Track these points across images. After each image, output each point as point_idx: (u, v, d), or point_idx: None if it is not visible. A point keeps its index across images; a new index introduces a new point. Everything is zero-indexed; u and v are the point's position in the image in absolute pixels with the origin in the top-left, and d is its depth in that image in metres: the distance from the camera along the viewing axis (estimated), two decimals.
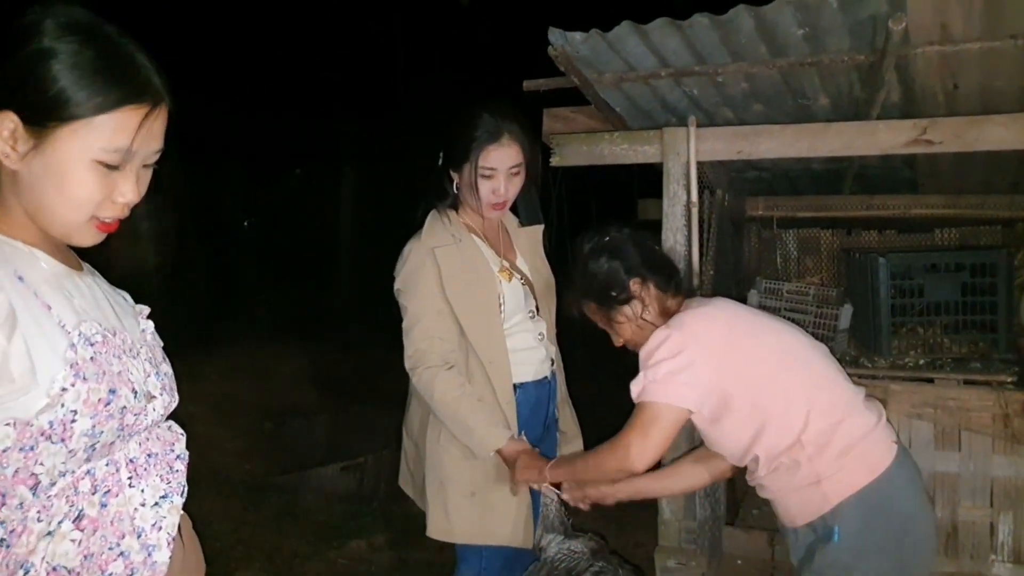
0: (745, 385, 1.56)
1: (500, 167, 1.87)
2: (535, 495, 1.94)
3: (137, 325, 1.10)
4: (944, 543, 2.40)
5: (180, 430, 1.10)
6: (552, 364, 2.07)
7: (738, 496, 3.16)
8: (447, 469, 1.94)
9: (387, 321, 2.08)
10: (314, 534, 3.73)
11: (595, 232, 1.81)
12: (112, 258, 1.05)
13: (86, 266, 1.06)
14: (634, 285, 1.70)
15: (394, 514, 3.82)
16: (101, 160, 0.92)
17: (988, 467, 2.37)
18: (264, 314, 7.02)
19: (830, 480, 1.52)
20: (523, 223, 2.10)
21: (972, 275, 2.64)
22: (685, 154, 2.30)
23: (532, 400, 2.01)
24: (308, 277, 8.39)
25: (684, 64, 2.08)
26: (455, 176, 1.94)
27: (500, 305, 1.96)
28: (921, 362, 2.59)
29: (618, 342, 1.79)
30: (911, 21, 1.72)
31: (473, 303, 1.92)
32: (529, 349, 2.02)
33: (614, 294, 1.71)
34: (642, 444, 1.57)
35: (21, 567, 0.89)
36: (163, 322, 1.17)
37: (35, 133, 0.89)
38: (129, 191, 0.96)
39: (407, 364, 1.94)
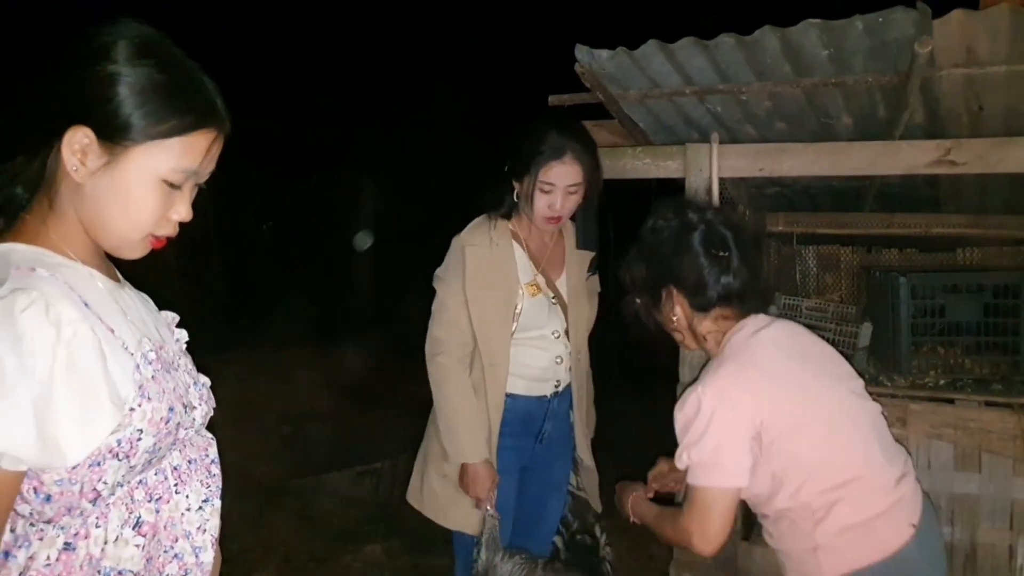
0: (768, 454, 1.49)
1: (559, 183, 1.91)
2: (508, 499, 2.05)
3: (171, 335, 1.13)
4: (962, 565, 2.39)
5: (209, 434, 1.13)
6: (557, 386, 2.09)
7: (753, 512, 3.15)
8: (432, 447, 2.09)
9: (405, 327, 2.12)
10: (330, 538, 3.76)
11: (671, 209, 1.65)
12: (133, 260, 1.07)
13: (119, 275, 1.08)
14: (665, 293, 1.62)
15: (410, 519, 3.81)
16: (168, 180, 0.95)
17: (1008, 489, 2.35)
18: (283, 318, 7.08)
19: (826, 552, 1.45)
20: (578, 246, 2.13)
21: (994, 296, 2.63)
22: (708, 170, 2.32)
23: (522, 412, 2.07)
24: (327, 282, 8.45)
25: (709, 82, 2.10)
26: (516, 186, 1.99)
27: (515, 316, 2.00)
28: (941, 382, 2.58)
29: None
30: (937, 44, 1.73)
31: (487, 306, 1.99)
32: (539, 367, 2.06)
33: (641, 294, 1.66)
34: (703, 534, 1.50)
35: (98, 572, 0.92)
36: (183, 324, 1.19)
37: (109, 150, 0.92)
38: (185, 210, 0.99)
39: (427, 348, 2.03)
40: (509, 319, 2.00)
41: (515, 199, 2.01)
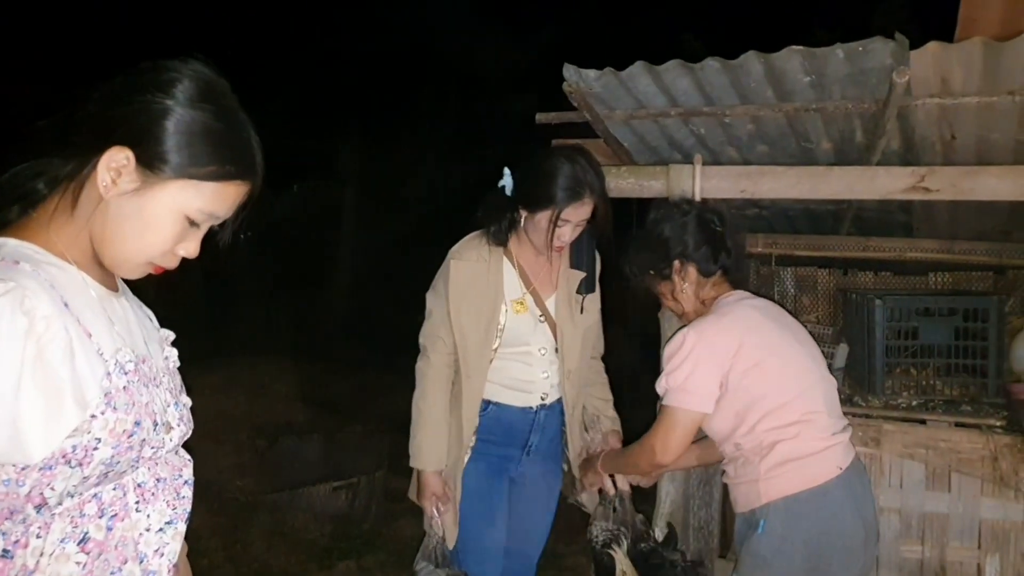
0: (735, 393, 1.76)
1: (574, 220, 1.94)
2: (474, 506, 2.07)
3: (161, 351, 1.11)
4: None
5: (187, 455, 1.10)
6: (544, 398, 2.10)
7: (729, 530, 3.17)
8: None
9: (383, 341, 2.13)
10: (304, 554, 3.71)
11: (666, 204, 2.03)
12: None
13: (121, 285, 1.07)
14: (676, 266, 1.91)
15: (385, 536, 3.81)
16: (191, 218, 0.97)
17: (977, 509, 2.40)
18: (259, 330, 7.01)
19: (765, 481, 1.73)
20: (572, 265, 2.13)
21: (965, 320, 2.69)
22: (690, 191, 2.36)
23: (506, 421, 2.08)
24: (305, 294, 8.39)
25: (693, 104, 2.14)
26: (523, 212, 1.99)
27: (498, 332, 2.02)
28: (914, 403, 2.63)
29: (665, 304, 2.05)
30: (913, 74, 1.79)
31: (468, 320, 2.01)
32: (523, 379, 2.08)
33: (652, 272, 1.95)
34: (664, 445, 1.81)
35: None
36: None
37: (144, 176, 0.93)
38: (194, 248, 1.01)
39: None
40: (490, 334, 2.02)
41: (521, 223, 2.02)
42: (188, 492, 1.06)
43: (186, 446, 1.12)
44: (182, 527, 1.03)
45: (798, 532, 1.70)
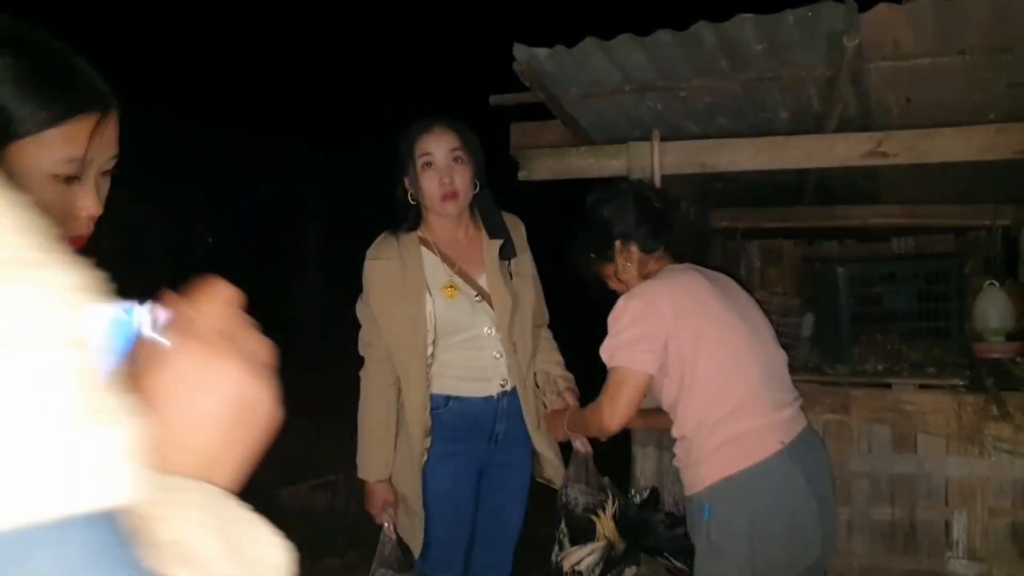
0: (677, 360, 1.73)
1: (437, 151, 1.91)
2: (440, 508, 2.03)
3: None
4: (902, 542, 2.46)
5: None
6: (503, 384, 2.03)
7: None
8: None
9: (355, 339, 2.09)
10: None
11: (603, 185, 2.04)
12: None
13: None
14: (618, 246, 1.88)
15: (367, 532, 3.75)
16: (56, 173, 0.87)
17: (943, 468, 2.44)
18: None
19: (706, 463, 1.72)
20: (490, 236, 2.07)
21: (927, 283, 2.72)
22: (650, 168, 2.35)
23: (470, 415, 2.02)
24: (274, 294, 8.28)
25: (648, 79, 2.12)
26: (409, 188, 1.97)
27: (430, 325, 1.97)
28: (880, 368, 2.66)
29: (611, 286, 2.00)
30: (864, 37, 1.79)
31: (394, 319, 1.96)
32: (478, 366, 2.01)
33: (594, 255, 1.92)
34: (611, 408, 1.77)
35: None
36: None
37: None
38: (91, 203, 0.91)
39: None
40: (420, 328, 1.96)
41: (411, 201, 1.99)
42: None
43: None
44: None
45: (743, 513, 1.67)
